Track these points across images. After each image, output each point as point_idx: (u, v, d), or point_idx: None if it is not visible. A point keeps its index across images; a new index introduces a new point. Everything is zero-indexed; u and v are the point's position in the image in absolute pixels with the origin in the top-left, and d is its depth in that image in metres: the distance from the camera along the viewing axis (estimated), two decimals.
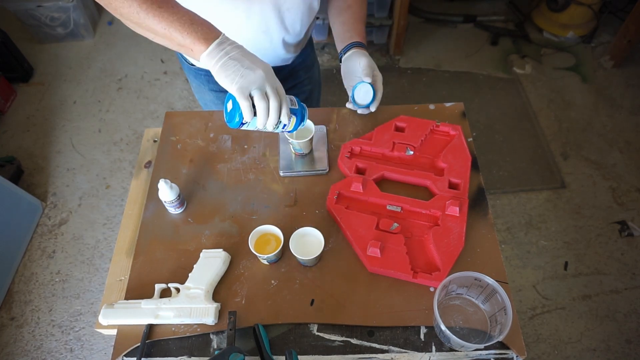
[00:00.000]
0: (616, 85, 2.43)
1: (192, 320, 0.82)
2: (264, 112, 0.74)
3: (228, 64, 0.71)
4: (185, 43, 0.71)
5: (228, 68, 0.71)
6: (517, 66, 2.55)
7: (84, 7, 2.66)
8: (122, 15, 0.71)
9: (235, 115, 0.75)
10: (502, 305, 0.77)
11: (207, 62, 0.71)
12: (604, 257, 1.82)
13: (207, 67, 0.72)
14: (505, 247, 1.86)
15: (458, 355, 0.80)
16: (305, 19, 0.99)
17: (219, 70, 0.71)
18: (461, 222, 0.91)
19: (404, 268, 0.85)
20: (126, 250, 1.01)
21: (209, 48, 0.70)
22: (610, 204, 1.97)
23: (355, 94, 0.99)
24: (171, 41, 0.72)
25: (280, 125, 0.80)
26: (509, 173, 2.09)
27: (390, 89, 2.47)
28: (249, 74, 0.71)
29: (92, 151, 2.26)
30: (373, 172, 0.99)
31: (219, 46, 0.71)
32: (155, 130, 1.19)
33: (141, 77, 2.60)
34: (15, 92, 2.51)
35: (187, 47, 0.72)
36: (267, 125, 0.77)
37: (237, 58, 0.71)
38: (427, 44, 2.69)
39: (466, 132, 1.08)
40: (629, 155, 2.13)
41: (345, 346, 0.81)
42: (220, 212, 0.98)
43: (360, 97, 1.01)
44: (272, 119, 0.76)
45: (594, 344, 1.63)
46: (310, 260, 0.86)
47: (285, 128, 0.82)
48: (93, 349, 1.68)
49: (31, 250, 1.94)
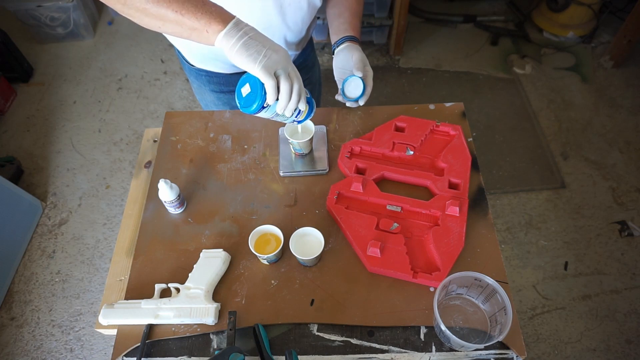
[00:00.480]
0: (616, 85, 2.43)
1: (192, 320, 0.82)
2: (287, 93, 0.72)
3: (249, 43, 0.68)
4: (199, 25, 0.68)
5: (250, 47, 0.68)
6: (517, 66, 2.55)
7: (84, 7, 2.66)
8: (127, 3, 0.68)
9: (256, 99, 0.72)
10: (502, 305, 0.77)
11: (225, 42, 0.69)
12: (604, 257, 1.82)
13: (223, 48, 0.70)
14: (505, 247, 1.86)
15: (458, 355, 0.80)
16: (306, 16, 0.99)
17: (240, 49, 0.68)
18: (461, 222, 0.91)
19: (404, 268, 0.85)
20: (126, 250, 1.01)
21: (226, 27, 0.68)
22: (610, 204, 1.97)
23: (345, 86, 0.98)
24: (182, 26, 0.69)
25: (296, 112, 0.78)
26: (509, 173, 2.09)
27: (390, 89, 2.47)
28: (272, 54, 0.69)
29: (92, 151, 2.26)
30: (373, 172, 0.99)
31: (236, 26, 0.69)
32: (155, 130, 1.19)
33: (141, 77, 2.60)
34: (15, 92, 2.51)
35: (201, 30, 0.69)
36: (286, 110, 0.75)
37: (258, 38, 0.69)
38: (427, 44, 2.69)
39: (466, 132, 1.08)
40: (629, 155, 2.13)
41: (345, 346, 0.81)
42: (220, 212, 0.98)
43: (349, 91, 0.99)
44: (293, 102, 0.74)
45: (594, 344, 1.63)
46: (310, 260, 0.86)
47: (298, 116, 0.81)
48: (93, 349, 1.68)
49: (31, 250, 1.94)
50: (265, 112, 0.75)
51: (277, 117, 0.79)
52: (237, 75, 1.13)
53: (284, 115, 0.78)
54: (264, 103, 0.72)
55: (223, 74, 1.11)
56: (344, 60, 0.99)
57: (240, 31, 0.69)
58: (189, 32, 0.70)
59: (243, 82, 0.75)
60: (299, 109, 0.77)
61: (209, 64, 1.09)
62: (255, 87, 0.72)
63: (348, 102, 1.00)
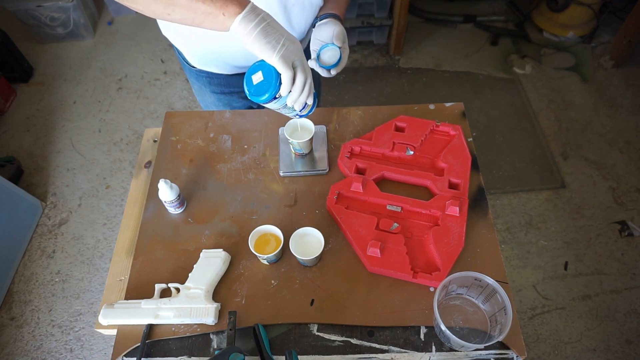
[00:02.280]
0: (616, 85, 2.42)
1: (192, 320, 0.82)
2: (301, 85, 0.70)
3: (268, 30, 0.66)
4: (214, 9, 0.65)
5: (269, 34, 0.66)
6: (517, 66, 2.55)
7: (84, 7, 2.66)
8: None
9: (269, 88, 0.69)
10: (502, 305, 0.77)
11: (242, 27, 0.65)
12: (604, 257, 1.82)
13: (239, 33, 0.66)
14: (505, 247, 1.86)
15: (458, 355, 0.80)
16: (309, 15, 0.98)
17: (258, 36, 0.65)
18: (461, 222, 0.91)
19: (404, 268, 0.85)
20: (126, 250, 1.01)
21: (244, 11, 0.65)
22: (610, 204, 1.97)
23: (321, 54, 0.95)
24: (195, 11, 0.65)
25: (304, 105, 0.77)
26: (509, 173, 2.09)
27: (390, 89, 2.47)
28: (290, 45, 0.67)
29: (92, 151, 2.26)
30: (373, 172, 0.99)
31: (254, 10, 0.66)
32: (155, 130, 1.19)
33: (141, 77, 2.60)
34: (15, 92, 2.51)
35: (216, 14, 0.65)
36: (297, 103, 0.73)
37: (275, 26, 0.67)
38: (427, 44, 2.69)
39: (466, 132, 1.08)
40: (629, 155, 2.13)
41: (345, 346, 0.81)
42: (220, 212, 0.98)
43: (324, 58, 0.96)
44: (304, 95, 0.72)
45: (594, 344, 1.63)
46: (310, 260, 0.86)
47: (303, 110, 0.80)
48: (93, 349, 1.68)
49: (31, 250, 1.93)
50: (275, 103, 0.74)
51: (283, 110, 0.78)
52: (237, 77, 1.13)
53: (291, 108, 0.77)
54: (276, 93, 0.70)
55: (224, 75, 1.11)
56: (324, 32, 0.95)
57: (259, 16, 0.66)
58: (202, 17, 0.66)
59: (255, 70, 0.72)
60: (306, 103, 0.77)
61: (210, 65, 1.09)
62: (269, 76, 0.70)
63: (321, 69, 0.96)
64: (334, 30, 0.94)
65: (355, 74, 2.55)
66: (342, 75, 2.52)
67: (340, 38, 0.93)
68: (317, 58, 0.95)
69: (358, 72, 2.56)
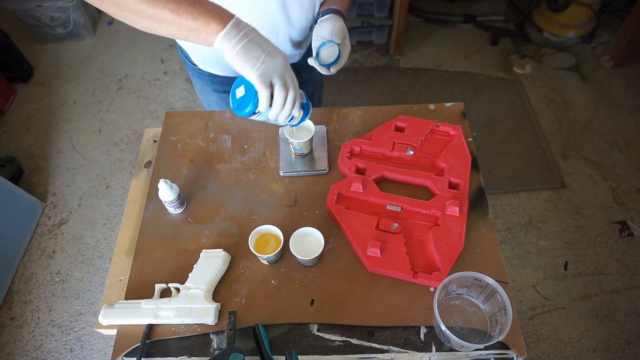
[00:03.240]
0: (616, 85, 2.42)
1: (192, 320, 0.82)
2: (281, 102, 0.70)
3: (249, 47, 0.66)
4: (197, 25, 0.66)
5: (249, 52, 0.66)
6: (517, 66, 2.55)
7: (84, 7, 2.66)
8: (120, 5, 0.66)
9: (249, 104, 0.70)
10: (502, 305, 0.77)
11: (224, 44, 0.67)
12: (604, 257, 1.82)
13: (221, 49, 0.67)
14: (505, 247, 1.86)
15: (458, 355, 0.80)
16: (309, 13, 0.98)
17: (239, 53, 0.66)
18: (461, 222, 0.91)
19: (404, 268, 0.85)
20: (126, 250, 1.01)
21: (225, 28, 0.66)
22: (610, 204, 1.97)
23: (320, 51, 0.95)
24: (180, 27, 0.67)
25: (289, 118, 0.77)
26: (509, 173, 2.09)
27: (390, 89, 2.47)
28: (270, 61, 0.67)
29: (92, 151, 2.26)
30: (373, 172, 0.99)
31: (236, 27, 0.66)
32: (155, 130, 1.19)
33: (141, 77, 2.60)
34: (15, 92, 2.51)
35: (199, 30, 0.66)
36: (279, 117, 0.74)
37: (258, 42, 0.67)
38: (427, 44, 2.69)
39: (466, 132, 1.08)
40: (629, 155, 2.13)
41: (345, 346, 0.81)
42: (220, 212, 0.98)
43: (324, 56, 0.96)
44: (286, 111, 0.72)
45: (594, 344, 1.63)
46: (310, 260, 0.86)
47: (291, 121, 0.80)
48: (93, 349, 1.68)
49: (31, 250, 1.94)
50: (258, 117, 0.75)
51: (270, 122, 0.78)
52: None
53: (276, 121, 0.77)
54: (255, 109, 0.71)
55: (225, 76, 1.11)
56: (324, 29, 0.95)
57: (241, 32, 0.67)
58: (188, 33, 0.68)
59: (238, 84, 0.74)
60: (292, 115, 0.77)
61: (212, 66, 1.09)
62: (249, 91, 0.71)
63: (320, 67, 0.96)
64: (334, 26, 0.93)
65: (355, 73, 2.55)
66: (342, 75, 2.52)
67: (340, 35, 0.93)
68: (317, 56, 0.95)
69: (358, 72, 2.56)
